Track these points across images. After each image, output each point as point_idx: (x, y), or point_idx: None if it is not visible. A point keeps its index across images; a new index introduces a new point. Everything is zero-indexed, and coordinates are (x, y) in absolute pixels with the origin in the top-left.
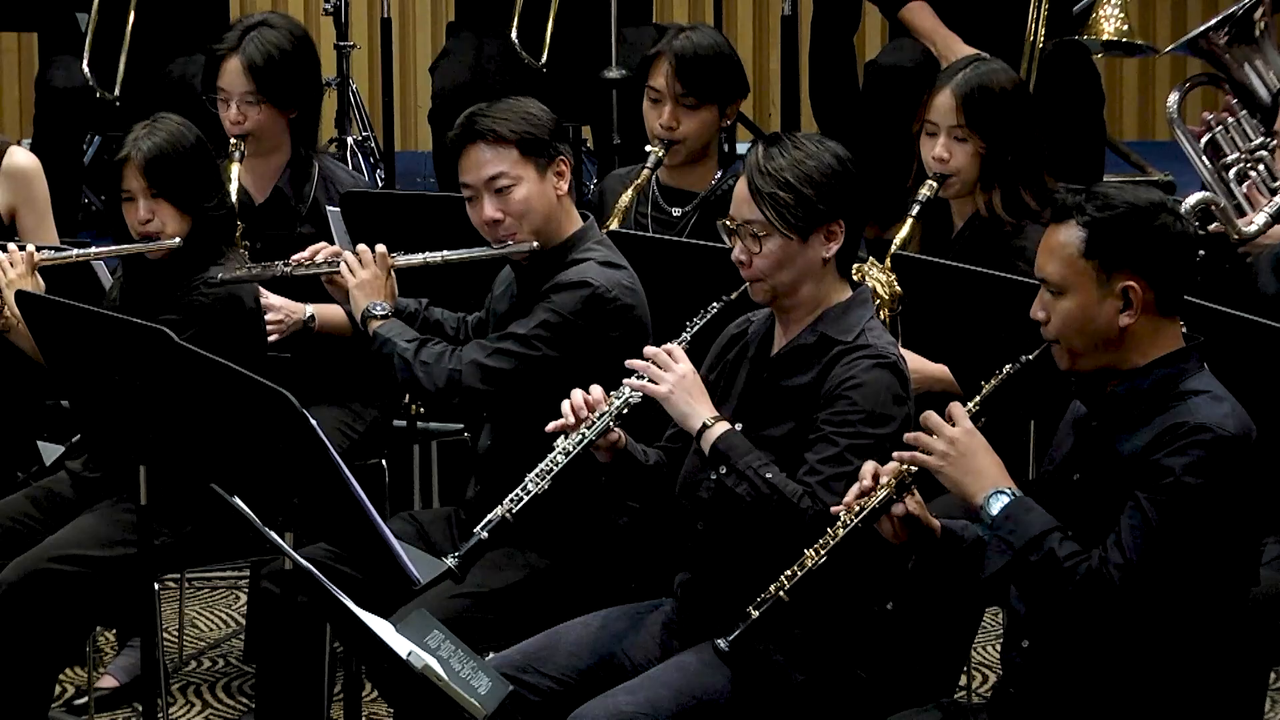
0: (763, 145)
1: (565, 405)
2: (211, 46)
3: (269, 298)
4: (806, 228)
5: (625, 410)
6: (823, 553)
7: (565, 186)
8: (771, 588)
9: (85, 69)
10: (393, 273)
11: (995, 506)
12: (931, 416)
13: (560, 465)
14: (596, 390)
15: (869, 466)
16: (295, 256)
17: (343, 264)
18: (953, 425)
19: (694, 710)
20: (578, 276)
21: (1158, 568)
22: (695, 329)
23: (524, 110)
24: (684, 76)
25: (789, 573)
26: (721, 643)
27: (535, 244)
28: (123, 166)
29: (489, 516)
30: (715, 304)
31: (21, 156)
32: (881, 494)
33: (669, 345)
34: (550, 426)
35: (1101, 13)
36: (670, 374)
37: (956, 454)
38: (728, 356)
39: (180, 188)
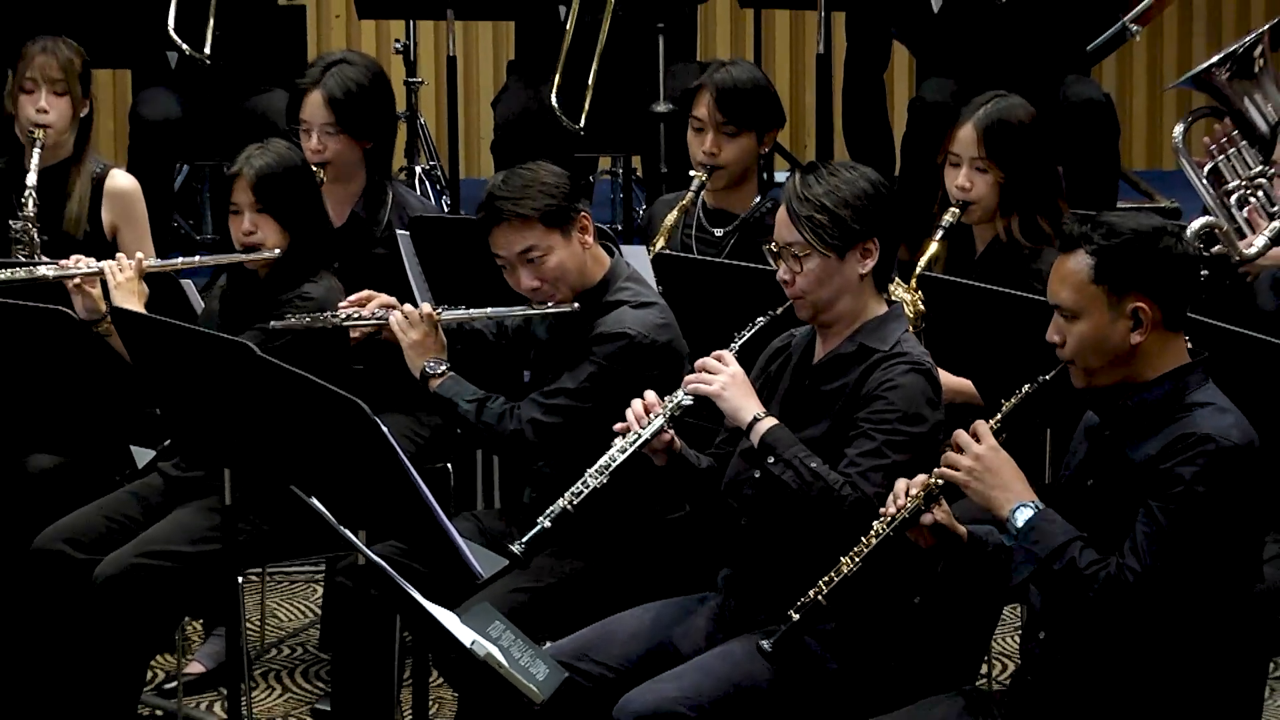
0: (800, 174)
1: (628, 410)
2: (295, 81)
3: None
4: (843, 246)
5: (679, 412)
6: (858, 560)
7: (589, 238)
8: (810, 593)
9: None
10: (439, 324)
11: (1020, 519)
12: (960, 435)
13: (618, 461)
14: (651, 395)
15: (901, 483)
16: (346, 308)
17: (392, 319)
18: (979, 443)
19: (736, 696)
20: (617, 327)
21: (1171, 571)
22: (744, 339)
23: (540, 182)
24: (724, 106)
25: (826, 578)
26: (765, 643)
27: (576, 305)
28: (233, 181)
29: (551, 508)
30: (762, 317)
31: (122, 179)
32: (912, 505)
33: (719, 351)
34: (616, 427)
35: None
36: (722, 374)
37: (983, 470)
38: (770, 368)
39: (283, 204)
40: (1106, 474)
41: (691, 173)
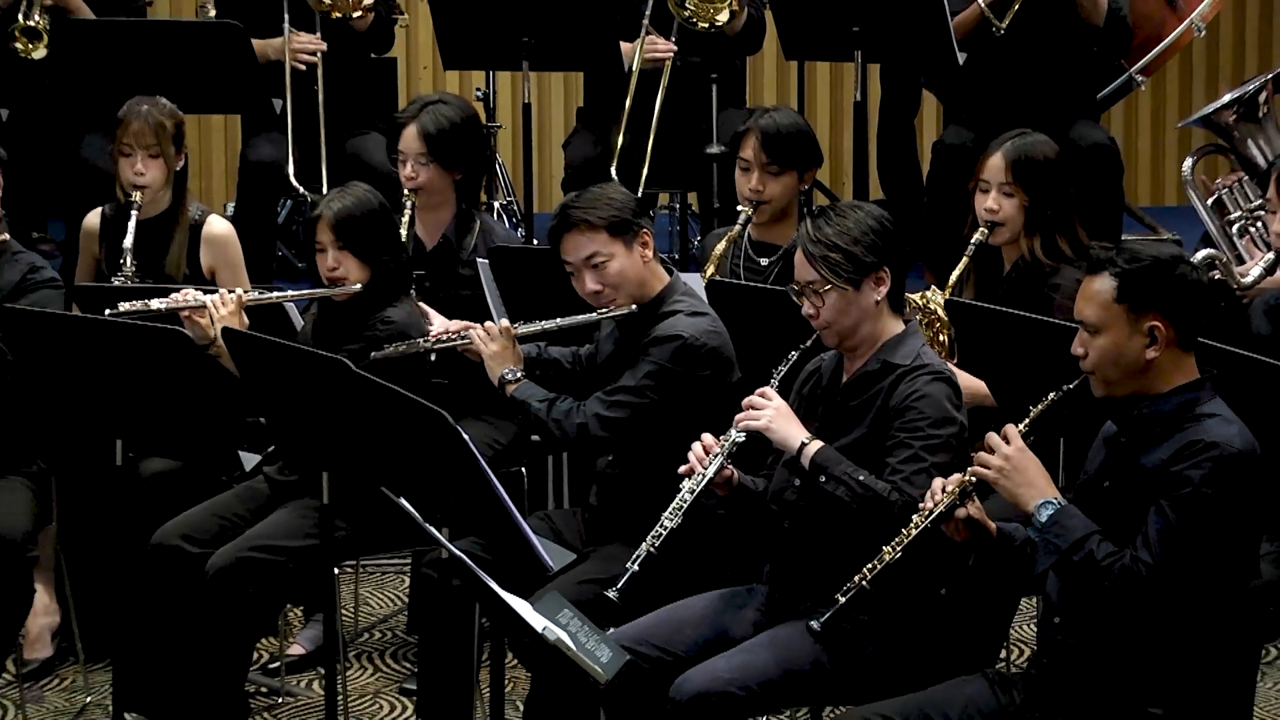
0: (810, 219)
1: (690, 454)
2: (395, 116)
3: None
4: (857, 278)
5: (734, 449)
6: (899, 549)
7: (649, 253)
8: (855, 578)
9: (285, 147)
10: (515, 340)
11: (1044, 514)
12: (991, 437)
13: (689, 502)
14: (708, 437)
15: (937, 481)
16: (435, 332)
17: (474, 335)
18: (1008, 444)
19: (781, 676)
20: (671, 330)
21: (1180, 563)
22: (781, 374)
23: (608, 197)
24: (768, 148)
25: (870, 565)
26: (814, 624)
27: (634, 307)
28: (316, 223)
29: (637, 552)
30: (795, 351)
31: (219, 224)
32: (948, 500)
33: (763, 389)
34: (681, 470)
35: None
36: (767, 409)
37: (1012, 469)
38: (804, 390)
39: (362, 242)
40: (1122, 477)
41: (739, 208)
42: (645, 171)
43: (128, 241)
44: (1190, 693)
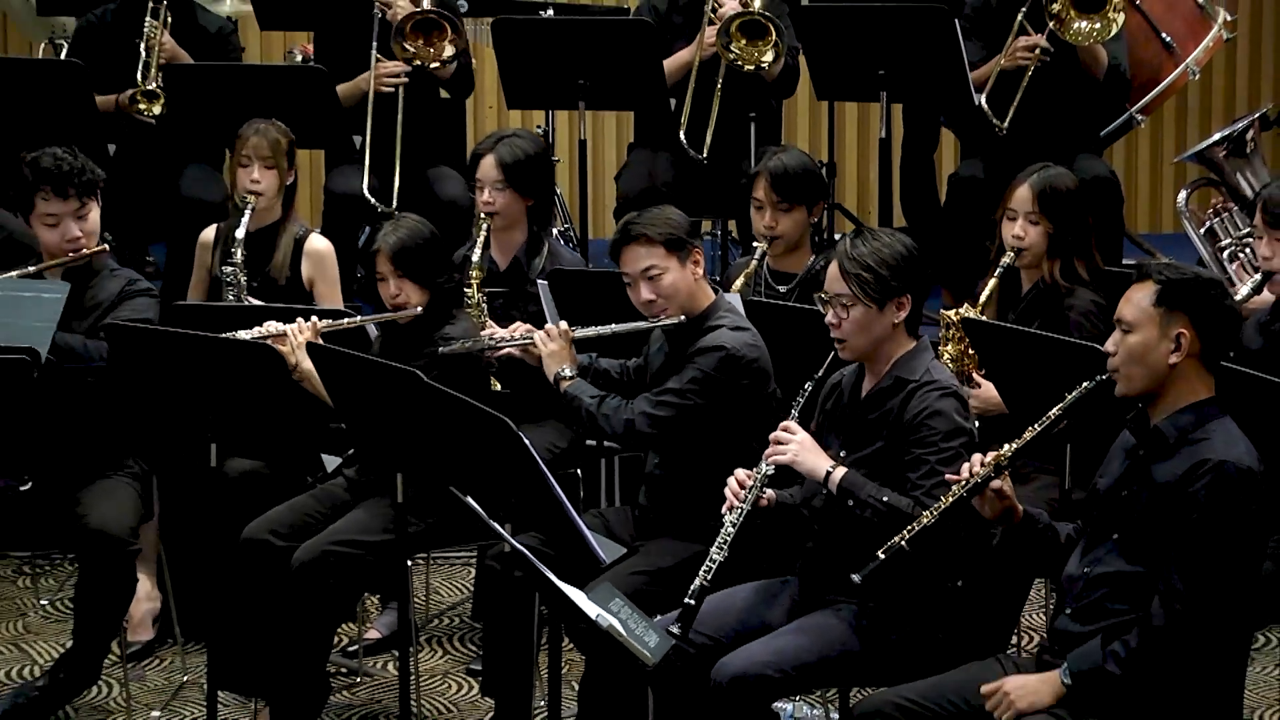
0: (850, 237)
1: (728, 488)
2: (475, 149)
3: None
4: (882, 299)
5: (766, 481)
6: (936, 514)
7: (700, 270)
8: (895, 538)
9: (364, 178)
10: (572, 343)
11: (1066, 675)
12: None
13: (732, 535)
14: (741, 472)
15: (976, 456)
16: (499, 334)
17: (536, 338)
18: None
19: (813, 661)
20: (716, 341)
21: (1206, 584)
22: (801, 404)
23: (666, 216)
24: (777, 187)
25: (910, 527)
26: (855, 576)
27: (682, 317)
28: (375, 255)
29: (692, 586)
30: (809, 383)
31: (319, 241)
32: (984, 473)
33: (785, 422)
34: (725, 508)
35: None
36: (792, 443)
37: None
38: (827, 405)
39: (418, 269)
40: (1136, 487)
41: (755, 243)
42: (705, 159)
43: (240, 232)
44: (1189, 677)
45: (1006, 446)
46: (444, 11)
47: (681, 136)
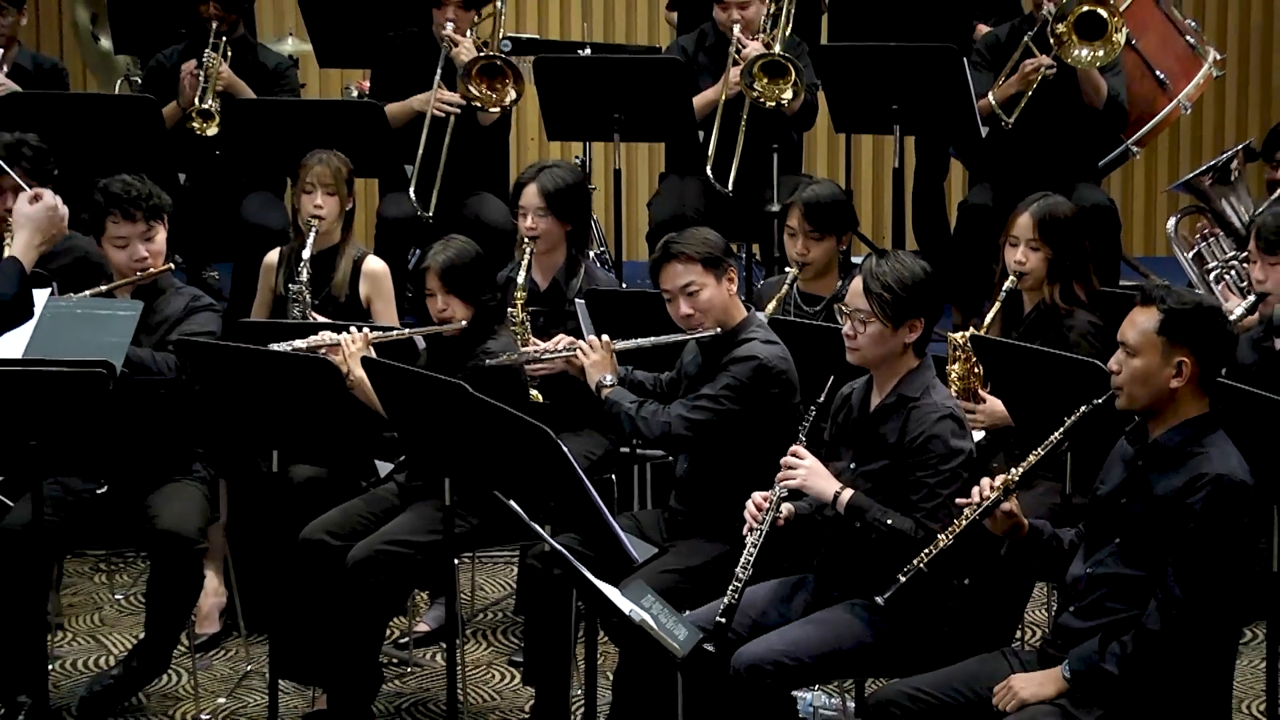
0: (875, 257)
1: (747, 510)
2: (518, 179)
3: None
4: (898, 320)
5: (781, 503)
6: (951, 536)
7: (734, 288)
8: (915, 560)
9: (413, 199)
10: (613, 354)
11: (1068, 671)
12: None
13: (754, 555)
14: (758, 495)
15: (985, 480)
16: (543, 346)
17: (578, 349)
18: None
19: (829, 652)
20: (750, 352)
21: (1201, 588)
22: (807, 430)
23: (704, 236)
24: (810, 217)
25: (927, 551)
26: (879, 599)
27: (717, 330)
28: (424, 273)
29: (723, 603)
30: (813, 408)
31: (376, 263)
32: (994, 495)
33: (794, 448)
34: (745, 530)
35: None
36: (800, 468)
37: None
38: (839, 419)
39: (465, 287)
40: (1136, 497)
41: (787, 268)
42: (731, 193)
43: (306, 253)
44: (1182, 670)
45: (1013, 470)
46: (509, 59)
47: (708, 170)
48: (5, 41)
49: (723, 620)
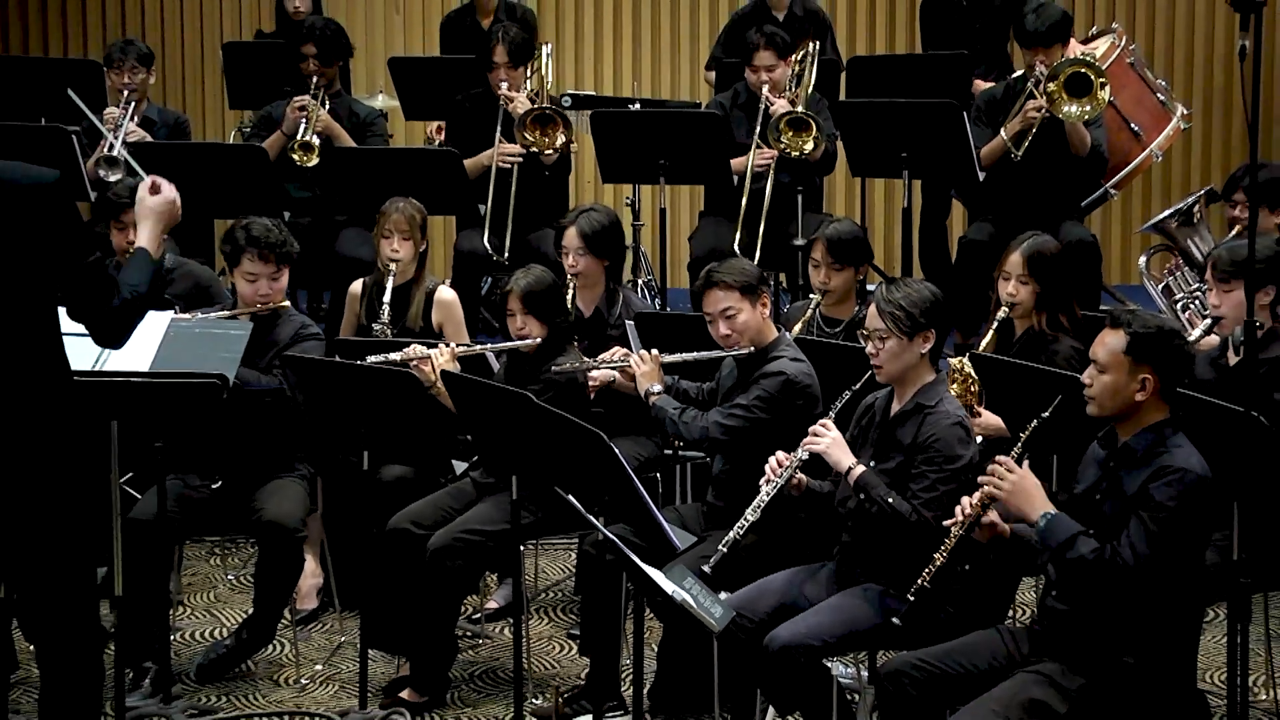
0: (886, 284)
1: (768, 465)
2: (559, 221)
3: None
4: (912, 333)
5: (800, 464)
6: (945, 554)
7: (767, 311)
8: (919, 580)
9: (485, 239)
10: (660, 366)
11: (1043, 522)
12: (996, 465)
13: (766, 501)
14: (781, 454)
15: (965, 499)
16: (601, 357)
17: (631, 361)
18: (1013, 473)
19: (848, 632)
20: (779, 369)
21: (1155, 558)
22: (837, 409)
23: (742, 266)
24: (832, 251)
25: (927, 570)
26: (896, 620)
27: (751, 349)
28: (507, 295)
29: (726, 538)
30: (847, 392)
31: (447, 293)
32: (975, 513)
33: (824, 420)
34: (762, 481)
35: None
36: (826, 437)
37: (1019, 489)
38: (863, 422)
39: (541, 308)
40: (1108, 493)
41: (811, 294)
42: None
43: (386, 297)
44: (1152, 645)
45: (982, 489)
46: (557, 108)
47: (739, 219)
48: (137, 97)
49: (725, 550)
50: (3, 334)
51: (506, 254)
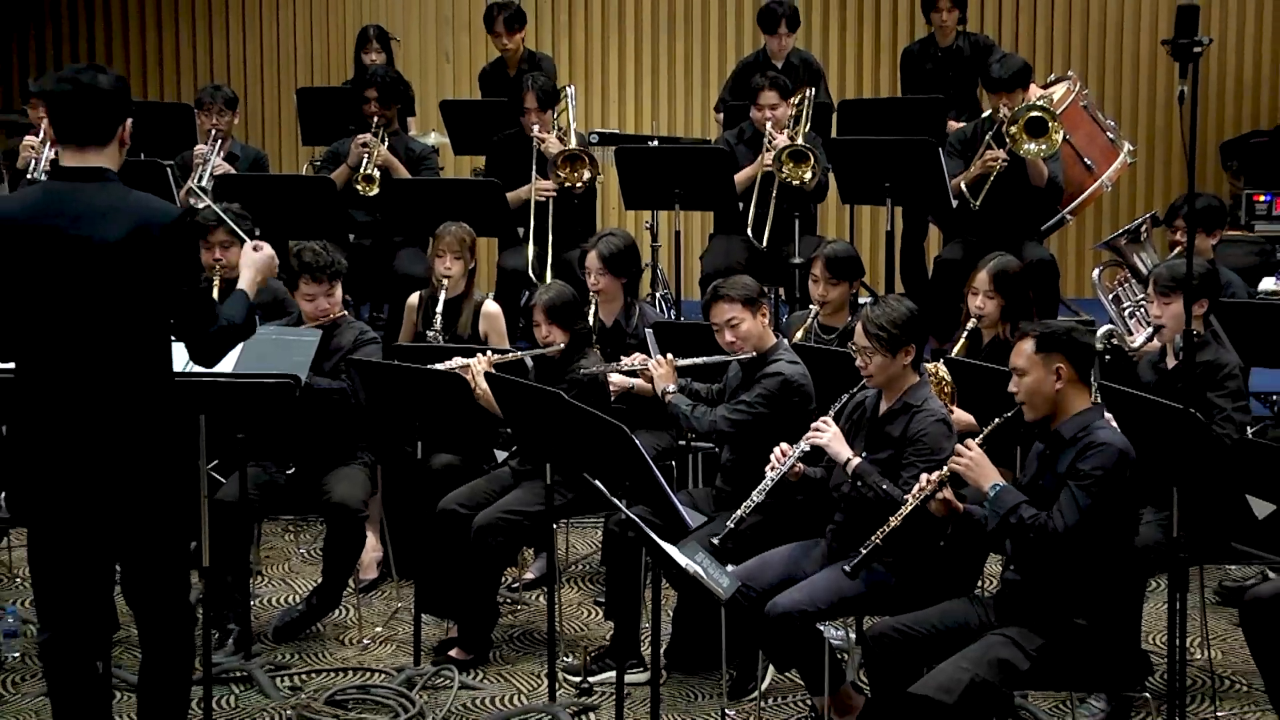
0: (870, 305)
1: (773, 454)
2: (582, 245)
3: (613, 378)
4: (894, 348)
5: (802, 454)
6: (900, 519)
7: (766, 320)
8: (873, 537)
9: (529, 260)
10: (675, 369)
11: (993, 492)
12: (959, 446)
13: (770, 485)
14: (784, 445)
15: (924, 476)
16: (625, 360)
17: (650, 364)
18: (971, 451)
19: (839, 600)
20: (777, 370)
21: (1083, 524)
22: (836, 408)
23: (744, 282)
24: (829, 268)
25: (882, 530)
26: (846, 566)
27: (753, 353)
28: (533, 309)
29: (734, 515)
30: (845, 395)
31: (491, 305)
32: (930, 488)
33: (825, 418)
34: (767, 468)
35: None
36: (827, 432)
37: (974, 465)
38: (855, 416)
39: (563, 319)
40: (1046, 478)
41: (810, 305)
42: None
43: (439, 309)
44: (1101, 609)
45: (945, 468)
46: (584, 149)
47: (748, 230)
48: (223, 136)
49: (732, 526)
50: (125, 342)
51: (547, 273)
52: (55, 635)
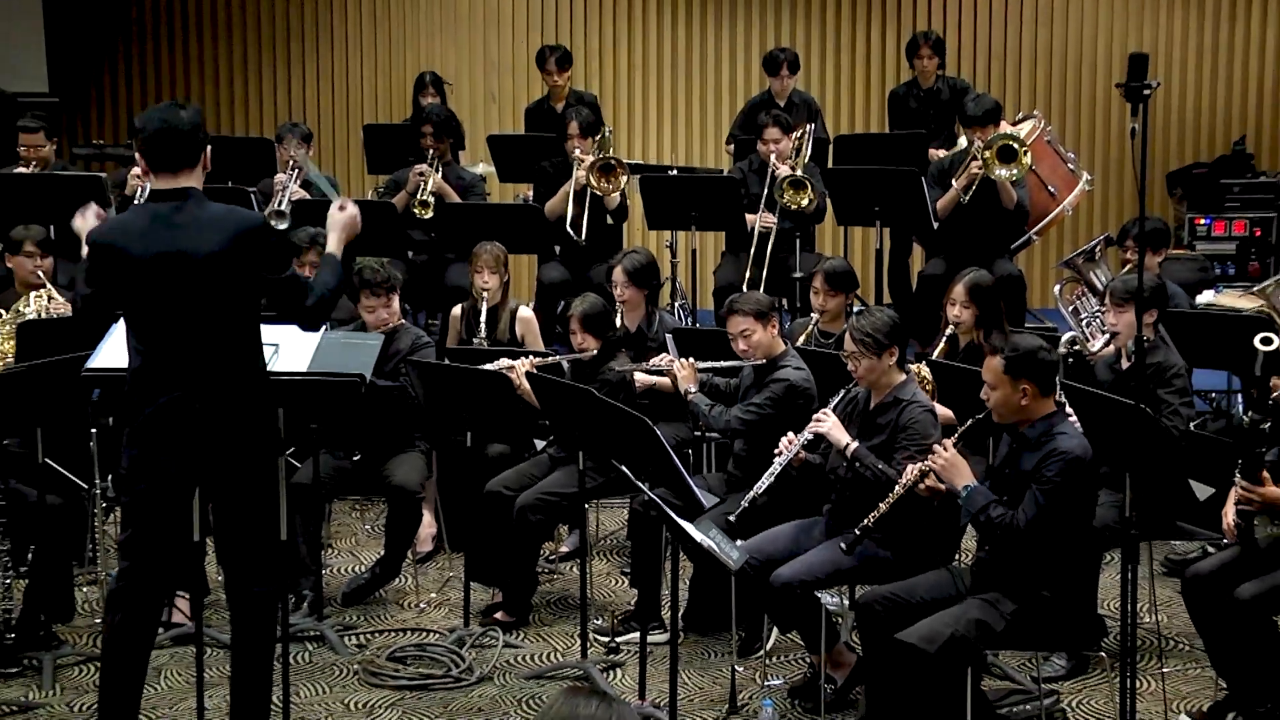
0: (857, 316)
1: (781, 442)
2: (609, 261)
3: (638, 377)
4: (879, 351)
5: (806, 442)
6: (890, 504)
7: (775, 330)
8: (865, 520)
9: (560, 268)
10: (697, 370)
11: (965, 493)
12: (944, 443)
13: (778, 471)
14: (790, 434)
15: (910, 466)
16: (651, 361)
17: (674, 367)
18: (948, 451)
19: (832, 571)
20: (784, 375)
21: (1042, 521)
22: (835, 403)
23: (756, 297)
24: (828, 281)
25: (873, 514)
26: (842, 544)
27: (764, 360)
28: (569, 318)
29: (746, 497)
30: (843, 390)
31: (527, 312)
32: (914, 477)
33: (825, 409)
34: (775, 453)
35: None
36: (827, 421)
37: (950, 464)
38: (848, 409)
39: (595, 327)
40: (1013, 470)
41: (811, 314)
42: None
43: (482, 317)
44: (1062, 581)
45: (927, 461)
46: (617, 158)
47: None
48: (299, 166)
49: (746, 505)
50: (229, 335)
51: (577, 284)
52: (133, 565)
